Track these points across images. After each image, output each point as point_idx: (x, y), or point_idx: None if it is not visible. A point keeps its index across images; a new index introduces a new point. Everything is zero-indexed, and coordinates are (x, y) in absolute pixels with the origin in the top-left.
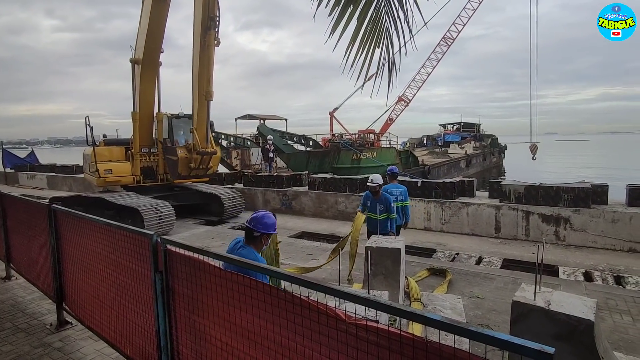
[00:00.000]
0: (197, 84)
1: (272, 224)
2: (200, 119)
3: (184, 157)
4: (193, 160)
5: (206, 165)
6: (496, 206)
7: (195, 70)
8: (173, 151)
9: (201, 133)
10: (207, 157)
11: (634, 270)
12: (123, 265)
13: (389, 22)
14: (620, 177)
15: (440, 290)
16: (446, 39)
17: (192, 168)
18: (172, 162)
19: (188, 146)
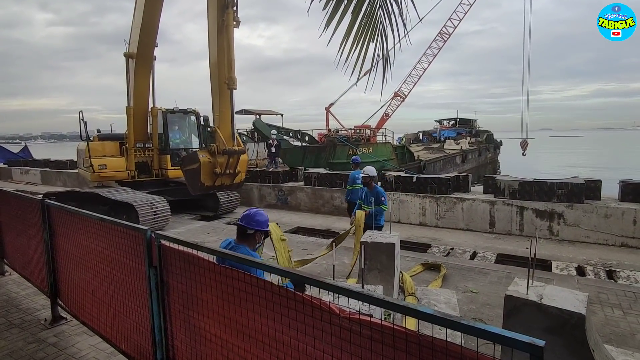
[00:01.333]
0: (217, 71)
1: (265, 220)
2: (223, 113)
3: (207, 162)
4: (218, 165)
5: (234, 170)
6: (491, 201)
7: (213, 56)
8: (192, 157)
9: (225, 129)
10: (235, 159)
11: (625, 265)
12: (117, 260)
13: (383, 16)
14: (613, 172)
15: (434, 284)
16: (442, 34)
17: (218, 174)
18: (192, 173)
19: (210, 148)
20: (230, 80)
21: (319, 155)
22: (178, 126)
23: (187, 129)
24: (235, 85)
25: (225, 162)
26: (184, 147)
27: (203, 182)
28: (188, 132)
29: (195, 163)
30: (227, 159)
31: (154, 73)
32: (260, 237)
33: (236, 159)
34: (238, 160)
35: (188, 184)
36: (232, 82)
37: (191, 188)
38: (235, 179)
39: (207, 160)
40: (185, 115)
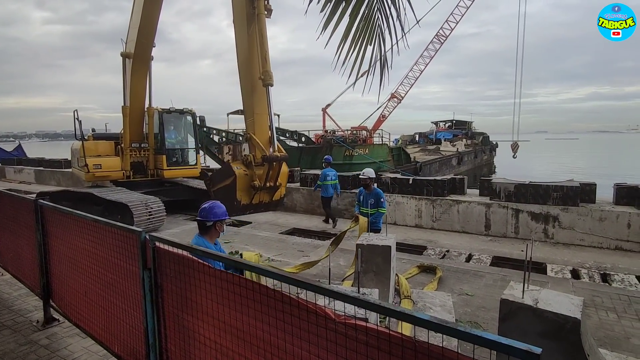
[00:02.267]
0: (249, 66)
1: (222, 211)
2: (259, 115)
3: (242, 175)
4: (256, 177)
5: (274, 182)
6: (486, 204)
7: (243, 51)
8: (224, 172)
9: (263, 134)
10: (276, 169)
11: (619, 268)
12: (111, 262)
13: (381, 19)
14: (607, 175)
15: (430, 287)
16: (439, 36)
17: (257, 188)
18: (224, 191)
19: (245, 158)
20: (266, 75)
21: (316, 156)
22: (174, 126)
23: (183, 129)
24: (272, 80)
25: (265, 173)
26: (179, 147)
27: (239, 200)
28: (184, 132)
29: (228, 177)
30: (267, 170)
31: (151, 73)
32: (222, 226)
33: (277, 169)
34: (279, 170)
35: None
36: (268, 77)
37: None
38: (274, 195)
39: (242, 172)
40: (181, 115)
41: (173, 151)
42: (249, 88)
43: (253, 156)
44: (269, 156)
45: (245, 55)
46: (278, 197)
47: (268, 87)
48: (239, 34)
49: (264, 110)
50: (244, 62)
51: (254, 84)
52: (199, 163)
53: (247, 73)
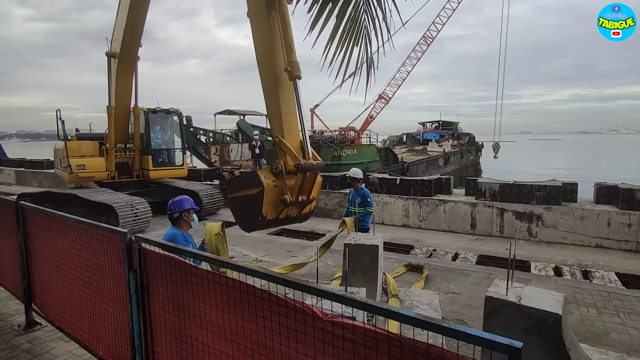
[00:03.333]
0: (271, 59)
1: (189, 203)
2: (287, 114)
3: (272, 186)
4: (287, 189)
5: (308, 195)
6: (472, 203)
7: (263, 42)
8: (249, 180)
9: (294, 137)
10: (310, 179)
11: (600, 265)
12: (96, 264)
13: (367, 21)
14: (589, 175)
15: (417, 286)
16: (426, 38)
17: (287, 203)
18: (247, 202)
19: (274, 166)
20: (292, 66)
21: None
22: (160, 126)
23: (170, 129)
24: (299, 71)
25: (299, 184)
26: (166, 148)
27: (265, 216)
28: (170, 132)
29: (253, 188)
30: (300, 181)
31: (137, 72)
32: (189, 216)
33: (312, 180)
34: (314, 181)
35: (239, 218)
36: (295, 68)
37: (244, 224)
38: (304, 209)
39: (271, 183)
40: (167, 115)
41: (159, 151)
42: (272, 84)
43: (284, 164)
44: (304, 165)
45: (267, 47)
46: (308, 210)
47: (296, 80)
48: (257, 25)
49: (293, 108)
50: (265, 55)
51: (278, 79)
52: (186, 163)
53: (270, 67)
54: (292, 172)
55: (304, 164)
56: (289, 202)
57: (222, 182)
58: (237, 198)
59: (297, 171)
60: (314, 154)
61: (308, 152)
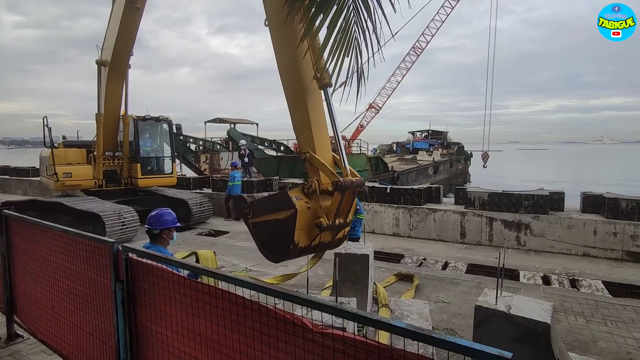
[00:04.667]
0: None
1: (171, 219)
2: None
3: (305, 209)
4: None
5: (345, 218)
6: (461, 212)
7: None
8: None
9: (326, 151)
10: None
11: (587, 274)
12: (81, 274)
13: (358, 32)
14: (575, 184)
15: (407, 295)
16: (415, 48)
17: (324, 227)
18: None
19: (307, 186)
20: (322, 72)
21: (295, 165)
22: (149, 134)
23: (159, 136)
24: (329, 78)
25: (336, 205)
26: (155, 156)
27: (297, 243)
28: (160, 140)
29: (284, 210)
30: (339, 201)
31: (128, 80)
32: (170, 234)
33: (350, 200)
34: (353, 200)
35: (264, 247)
36: (325, 75)
37: (271, 254)
38: (339, 234)
39: (304, 205)
40: (157, 123)
41: (148, 159)
42: (300, 95)
43: (318, 182)
44: (343, 183)
45: (291, 54)
46: (342, 235)
47: (326, 88)
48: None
49: (323, 120)
50: (289, 63)
51: (306, 88)
52: (175, 172)
53: (295, 76)
54: (326, 191)
55: (343, 181)
56: (326, 226)
57: (243, 206)
58: (262, 223)
59: (335, 190)
60: (351, 170)
61: (346, 168)
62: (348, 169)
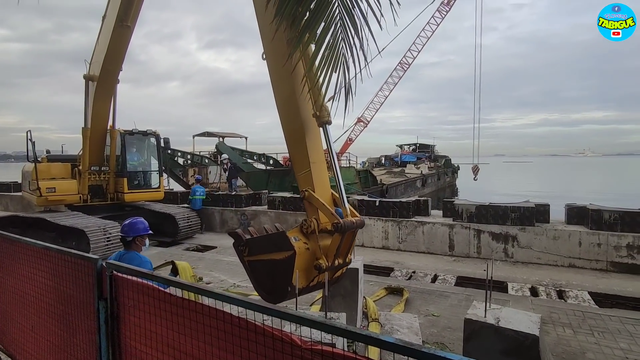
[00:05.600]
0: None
1: (142, 227)
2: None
3: (304, 250)
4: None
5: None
6: (450, 225)
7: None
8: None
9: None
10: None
11: (573, 285)
12: (63, 292)
13: (345, 48)
14: (560, 196)
15: (397, 309)
16: (402, 64)
17: (323, 268)
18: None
19: (304, 226)
20: (322, 111)
21: (284, 178)
22: (137, 148)
23: (146, 151)
24: (330, 115)
25: (336, 246)
26: (142, 170)
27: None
28: (147, 154)
29: (282, 251)
30: (339, 241)
31: (116, 94)
32: (143, 240)
33: (350, 240)
34: (353, 240)
35: (260, 287)
36: (325, 113)
37: (268, 294)
38: (337, 272)
39: (303, 246)
40: (144, 137)
41: (135, 174)
42: (299, 132)
43: (317, 222)
44: (343, 224)
45: (289, 91)
46: (340, 274)
47: (325, 125)
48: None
49: (322, 157)
50: (287, 100)
51: (305, 125)
52: (162, 186)
53: (295, 113)
54: (325, 230)
55: (344, 222)
56: (325, 268)
57: (239, 243)
58: (259, 262)
59: (336, 231)
60: (351, 209)
61: (346, 207)
62: (348, 208)
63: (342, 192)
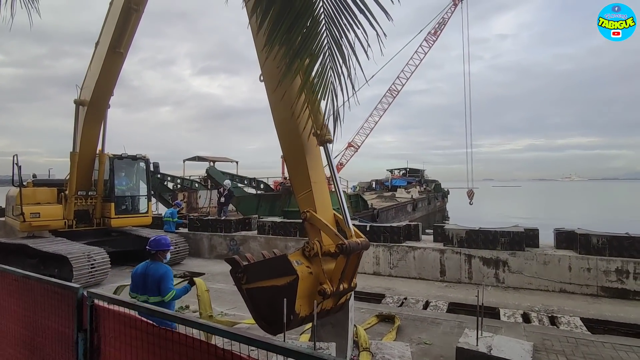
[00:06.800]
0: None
1: (165, 243)
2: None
3: (307, 274)
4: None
5: (349, 282)
6: (440, 250)
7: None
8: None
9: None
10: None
11: (565, 310)
12: (41, 324)
13: (333, 76)
14: (548, 220)
15: (389, 337)
16: (392, 90)
17: (328, 294)
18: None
19: (307, 249)
20: (322, 129)
21: (274, 203)
22: (125, 172)
23: (135, 175)
24: (330, 134)
25: (341, 269)
26: (130, 194)
27: (297, 313)
28: (136, 178)
29: (283, 276)
30: (343, 264)
31: (107, 119)
32: (164, 254)
33: (356, 262)
34: (358, 263)
35: (260, 317)
36: (325, 131)
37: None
38: (342, 298)
39: (306, 270)
40: (134, 162)
41: (123, 199)
42: (298, 152)
43: (319, 244)
44: (348, 246)
45: (288, 111)
46: (344, 300)
47: (326, 145)
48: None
49: (323, 176)
50: (286, 119)
51: (305, 145)
52: (150, 211)
53: (294, 133)
54: (328, 253)
55: (348, 244)
56: (330, 293)
57: (236, 270)
58: (258, 290)
59: (340, 253)
60: (355, 229)
61: (349, 228)
62: (352, 229)
63: (346, 213)
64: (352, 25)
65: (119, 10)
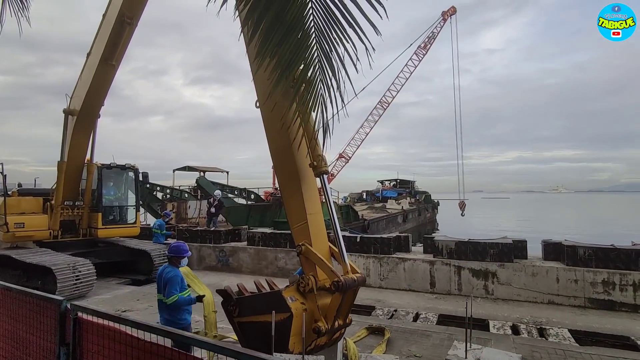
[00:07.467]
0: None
1: (182, 249)
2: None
3: (301, 310)
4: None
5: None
6: (430, 261)
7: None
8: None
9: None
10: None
11: (554, 322)
12: (22, 338)
13: (323, 89)
14: (536, 232)
15: (379, 350)
16: (382, 102)
17: (323, 332)
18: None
19: (302, 284)
20: (319, 161)
21: (265, 214)
22: (114, 182)
23: (124, 185)
24: (327, 165)
25: (336, 306)
26: (118, 205)
27: (291, 351)
28: (124, 188)
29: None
30: (339, 301)
31: (96, 128)
32: (178, 260)
33: (352, 299)
34: (354, 299)
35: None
36: (322, 163)
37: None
38: (336, 334)
39: (301, 307)
40: (122, 171)
41: (110, 209)
42: (294, 182)
43: (314, 279)
44: (344, 283)
45: (285, 140)
46: (338, 335)
47: (323, 175)
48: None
49: (319, 208)
50: (283, 149)
51: (301, 176)
52: (139, 221)
53: (290, 163)
54: (324, 288)
55: (345, 281)
56: (325, 331)
57: (228, 302)
58: (250, 324)
59: (336, 291)
60: (351, 264)
61: (346, 263)
62: (348, 264)
63: (342, 247)
64: (341, 40)
65: (112, 23)
